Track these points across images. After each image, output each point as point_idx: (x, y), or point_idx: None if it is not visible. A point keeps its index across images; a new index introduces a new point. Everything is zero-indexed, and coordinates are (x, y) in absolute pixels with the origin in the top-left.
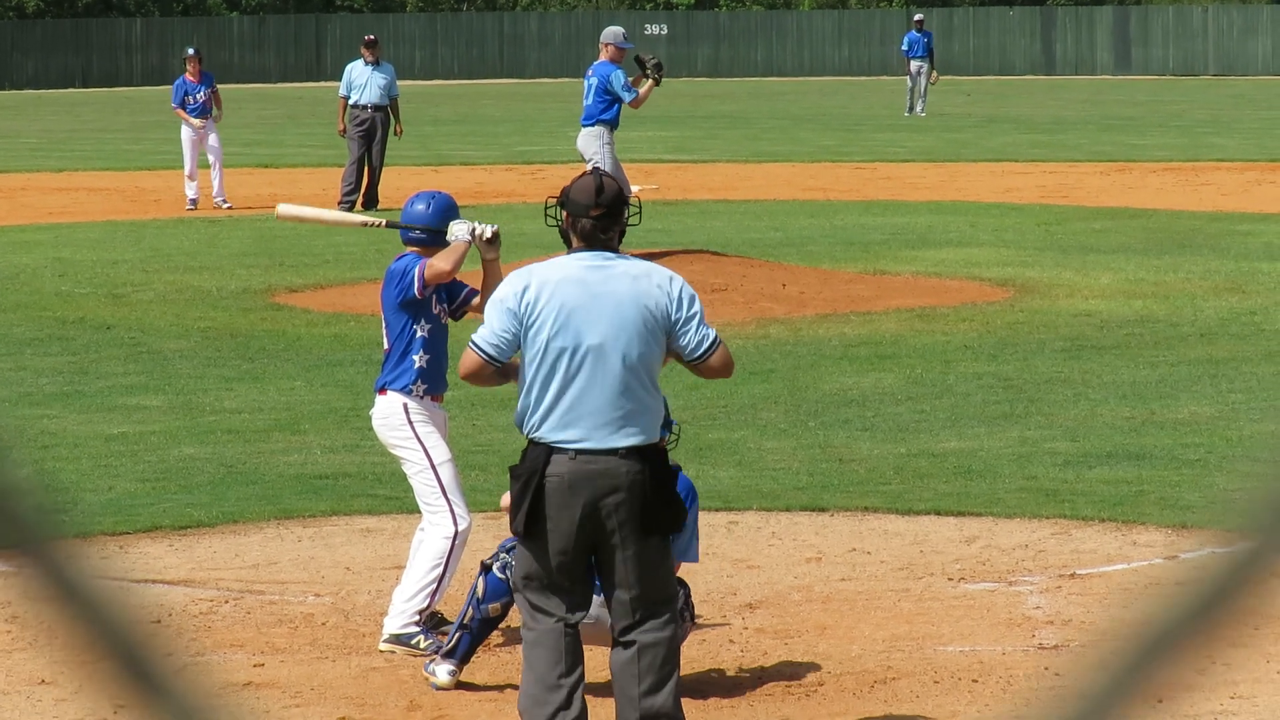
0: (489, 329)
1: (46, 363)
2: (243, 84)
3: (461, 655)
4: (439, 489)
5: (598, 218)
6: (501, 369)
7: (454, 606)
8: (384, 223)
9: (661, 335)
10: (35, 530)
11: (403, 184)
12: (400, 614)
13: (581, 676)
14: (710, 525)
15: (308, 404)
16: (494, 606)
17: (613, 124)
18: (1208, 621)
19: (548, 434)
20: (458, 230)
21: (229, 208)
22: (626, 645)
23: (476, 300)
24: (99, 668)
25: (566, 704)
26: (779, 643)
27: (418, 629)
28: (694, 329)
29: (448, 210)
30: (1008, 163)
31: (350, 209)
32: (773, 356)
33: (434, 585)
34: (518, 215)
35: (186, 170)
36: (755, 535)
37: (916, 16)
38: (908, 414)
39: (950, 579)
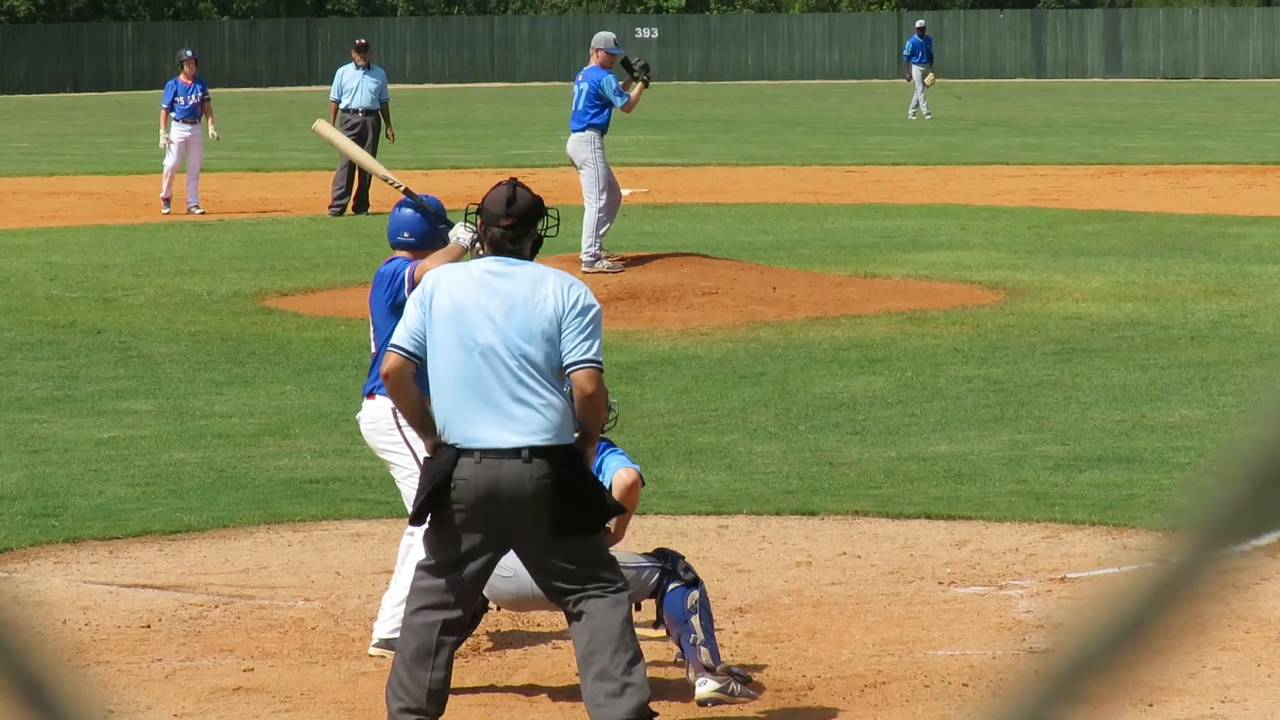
0: (403, 326)
1: (37, 367)
2: (234, 88)
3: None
4: None
5: (508, 227)
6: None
7: None
8: (403, 186)
9: (553, 336)
10: None
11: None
12: (390, 619)
13: (445, 678)
14: (700, 529)
15: (298, 408)
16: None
17: (603, 129)
18: (1146, 628)
19: (454, 435)
20: (460, 233)
21: (201, 213)
22: (576, 616)
23: None
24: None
25: (421, 703)
26: (769, 647)
27: None
28: (575, 337)
29: (438, 210)
30: (998, 166)
31: (340, 213)
32: (763, 360)
33: None
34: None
35: (170, 165)
36: (745, 539)
37: (919, 23)
38: (898, 417)
39: (940, 583)
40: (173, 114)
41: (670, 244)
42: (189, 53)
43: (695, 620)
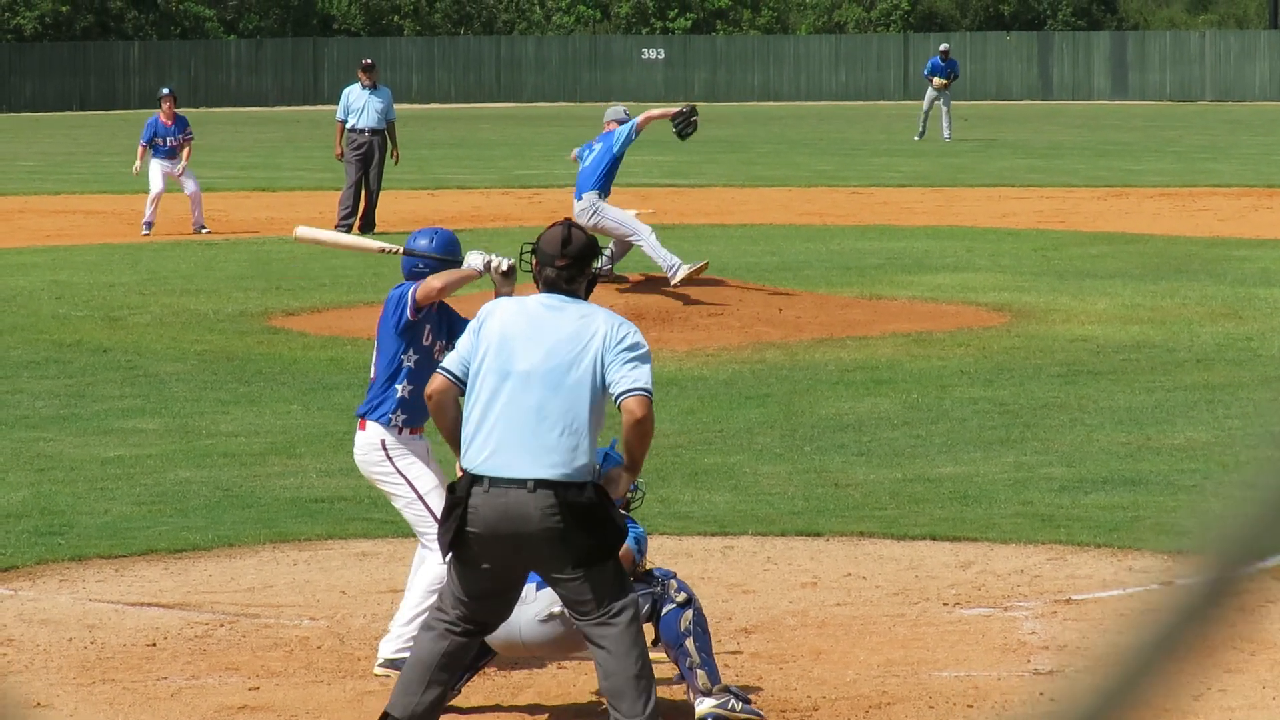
0: (456, 352)
1: (43, 385)
2: (240, 107)
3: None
4: (429, 517)
5: (563, 268)
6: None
7: None
8: (400, 250)
9: (596, 372)
10: None
11: (399, 207)
12: (397, 638)
13: (448, 683)
14: (706, 550)
15: (304, 427)
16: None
17: (603, 191)
18: (1172, 650)
19: (471, 461)
20: (472, 259)
21: (208, 232)
22: (594, 641)
23: None
24: None
25: (424, 705)
26: (774, 667)
27: None
28: (622, 367)
29: (450, 244)
30: (1005, 188)
31: (347, 231)
32: (769, 381)
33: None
34: (514, 239)
35: (153, 192)
36: (750, 560)
37: (943, 46)
38: (904, 439)
39: (945, 604)
40: (151, 151)
41: None
42: (166, 90)
43: (690, 643)
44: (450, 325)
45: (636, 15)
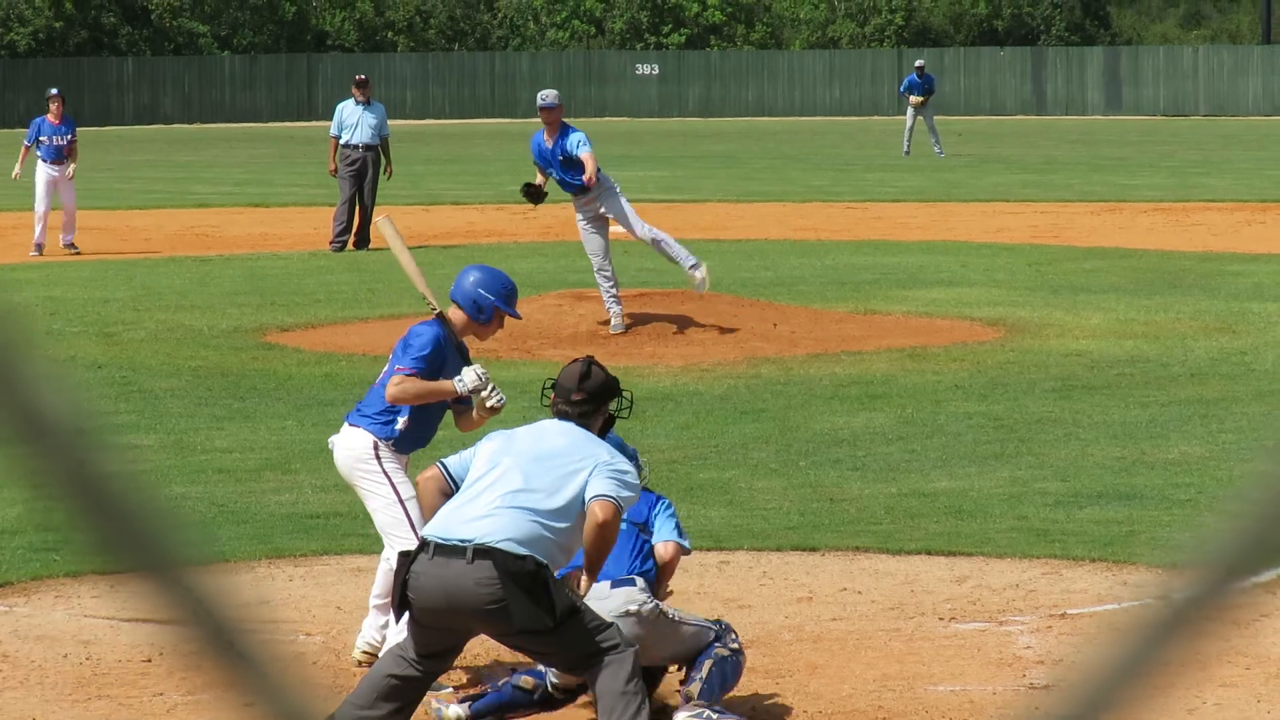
0: (458, 455)
1: None
2: (234, 123)
3: (479, 708)
4: (407, 524)
5: (578, 402)
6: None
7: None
8: (436, 310)
9: (583, 485)
10: (166, 552)
11: (396, 223)
12: (369, 628)
13: (393, 712)
14: (701, 565)
15: (298, 443)
16: (527, 679)
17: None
18: (1150, 666)
19: (428, 528)
20: (467, 377)
21: (77, 252)
22: (589, 679)
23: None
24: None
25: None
26: (770, 682)
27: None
28: (604, 479)
29: (507, 295)
30: (999, 203)
31: (341, 249)
32: (764, 396)
33: None
34: (509, 255)
35: (39, 210)
36: (746, 575)
37: (918, 62)
38: (898, 454)
39: (941, 619)
40: (38, 153)
41: (671, 280)
42: (55, 90)
43: (708, 663)
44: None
45: (631, 31)
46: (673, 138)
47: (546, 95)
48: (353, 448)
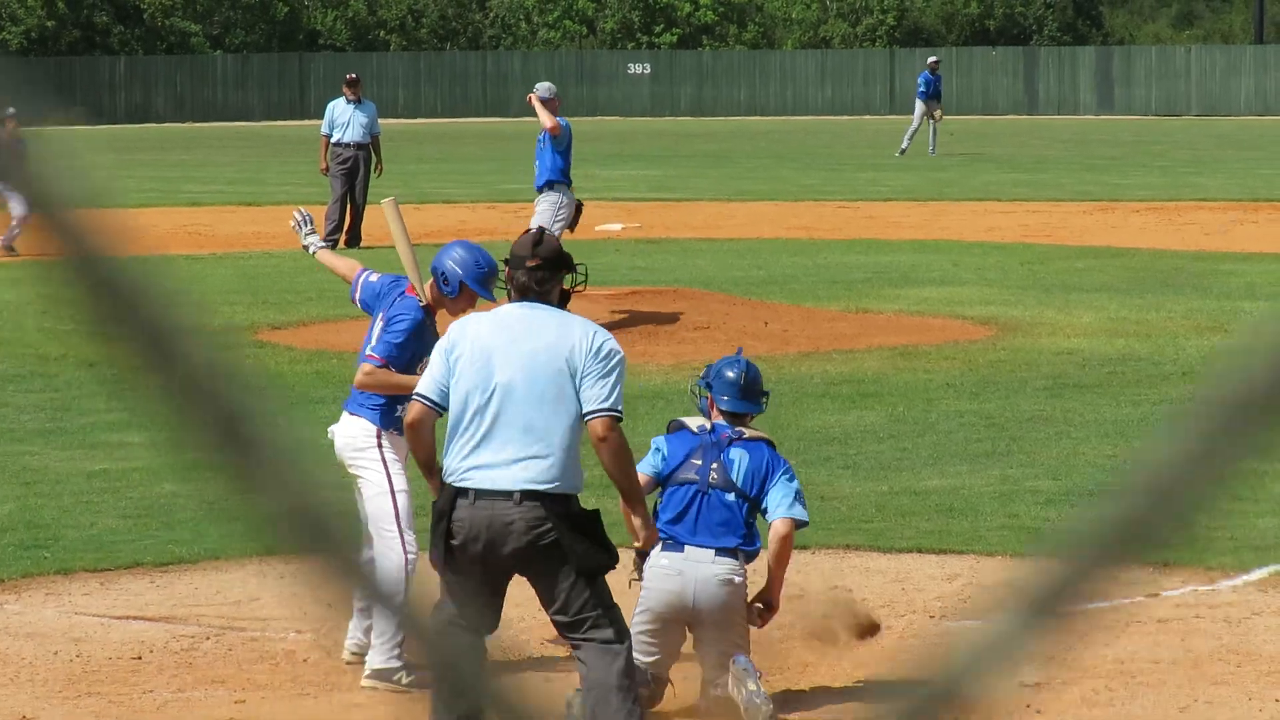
0: (429, 375)
1: (29, 399)
2: (226, 122)
3: None
4: (394, 516)
5: (534, 268)
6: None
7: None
8: (425, 301)
9: (575, 384)
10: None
11: (385, 221)
12: (382, 649)
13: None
14: None
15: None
16: None
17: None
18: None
19: (453, 475)
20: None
21: (15, 254)
22: (578, 660)
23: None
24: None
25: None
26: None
27: (399, 663)
28: (593, 384)
29: (480, 275)
30: (991, 202)
31: (333, 247)
32: None
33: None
34: (499, 252)
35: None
36: None
37: (931, 59)
38: (890, 452)
39: (932, 616)
40: None
41: (662, 279)
42: (12, 110)
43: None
44: None
45: (622, 30)
46: (665, 137)
47: (544, 86)
48: (353, 435)
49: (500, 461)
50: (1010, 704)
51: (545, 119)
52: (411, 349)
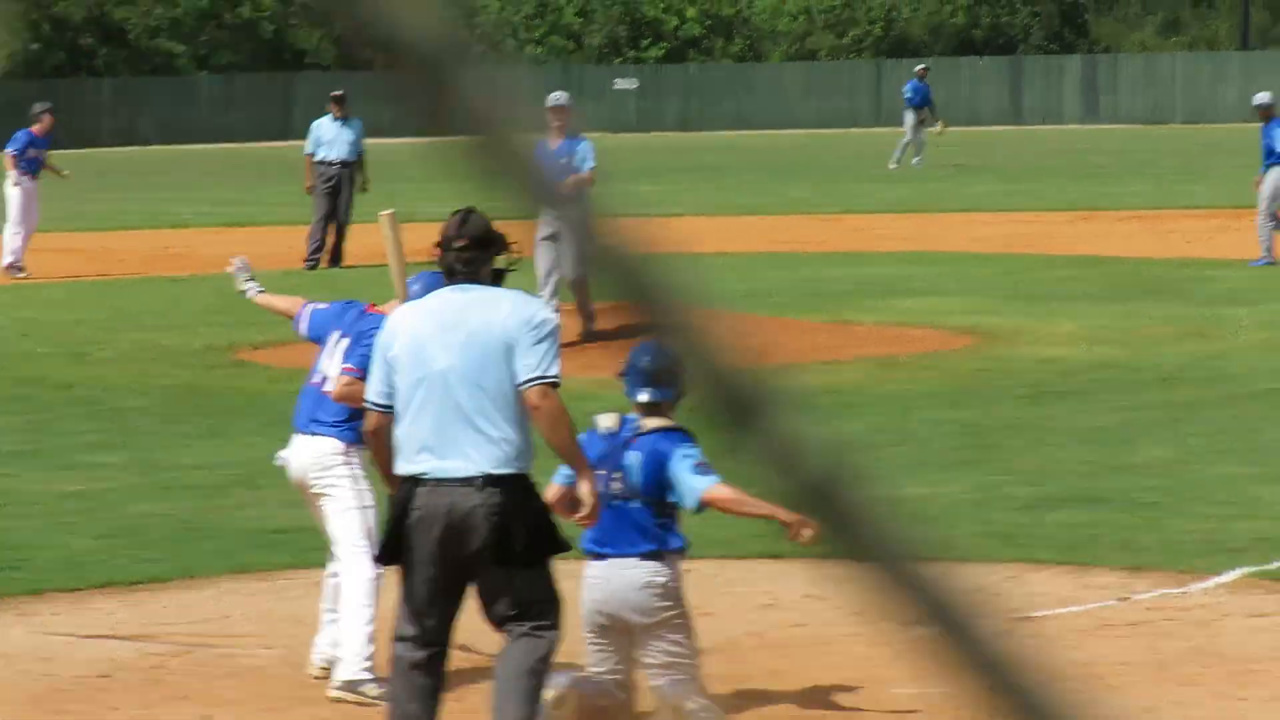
0: (373, 379)
1: (5, 421)
2: (211, 144)
3: None
4: (364, 531)
5: (461, 249)
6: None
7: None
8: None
9: (510, 356)
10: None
11: (370, 240)
12: (351, 660)
13: (432, 708)
14: None
15: (266, 460)
16: None
17: None
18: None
19: (408, 465)
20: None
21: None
22: (501, 655)
23: None
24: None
25: None
26: (732, 688)
27: (369, 675)
28: (526, 354)
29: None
30: (976, 212)
31: (314, 267)
32: None
33: (371, 626)
34: None
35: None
36: (710, 583)
37: (919, 66)
38: (868, 461)
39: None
40: (21, 166)
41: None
42: (49, 105)
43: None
44: None
45: (609, 45)
46: (652, 152)
47: (558, 95)
48: (319, 454)
49: (454, 449)
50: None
51: (583, 180)
52: None
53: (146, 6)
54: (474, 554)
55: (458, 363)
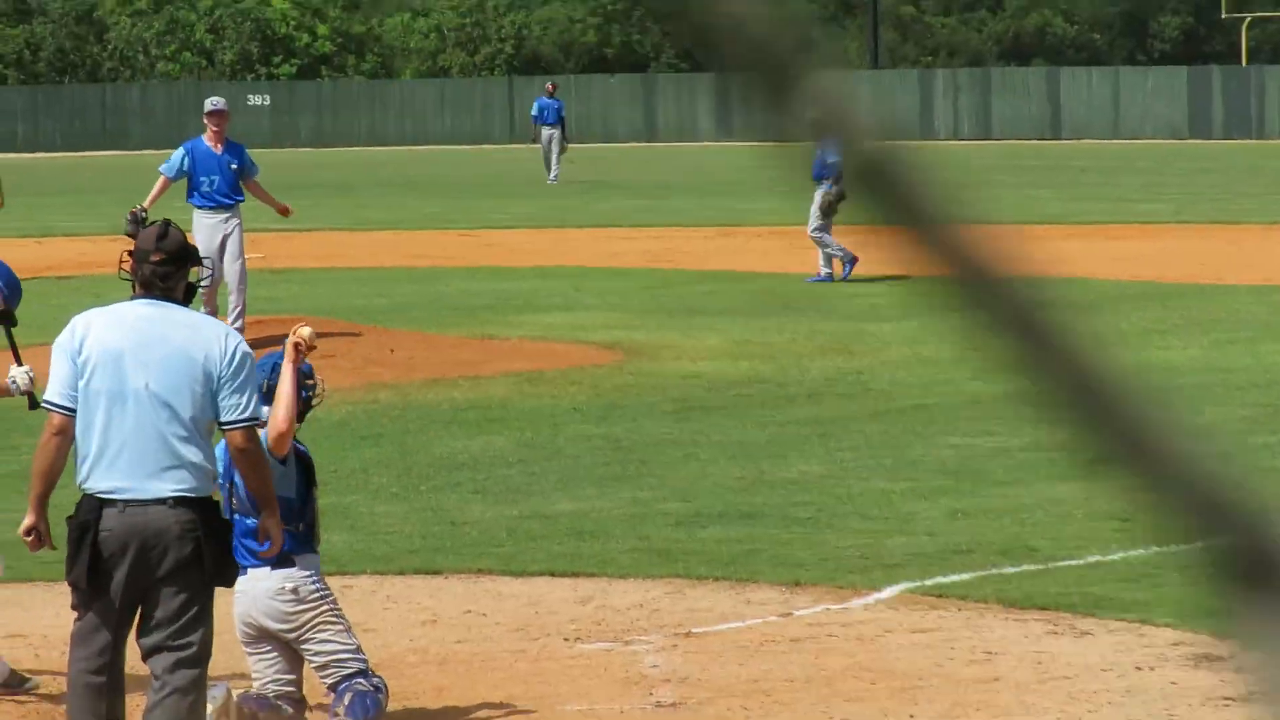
0: (56, 379)
1: None
2: None
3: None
4: None
5: (158, 264)
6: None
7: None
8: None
9: (209, 387)
10: None
11: (5, 255)
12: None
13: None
14: None
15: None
16: None
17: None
18: None
19: (96, 484)
20: (20, 379)
21: None
22: (156, 681)
23: None
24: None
25: None
26: (396, 705)
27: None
28: (232, 391)
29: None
30: (612, 228)
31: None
32: (381, 421)
33: None
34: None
35: None
36: (370, 599)
37: (548, 83)
38: (519, 476)
39: (566, 639)
40: None
41: (285, 308)
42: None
43: (349, 695)
44: None
45: (241, 62)
46: (285, 168)
47: (217, 100)
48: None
49: (146, 470)
50: None
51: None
52: None
53: None
54: (155, 578)
55: (155, 383)
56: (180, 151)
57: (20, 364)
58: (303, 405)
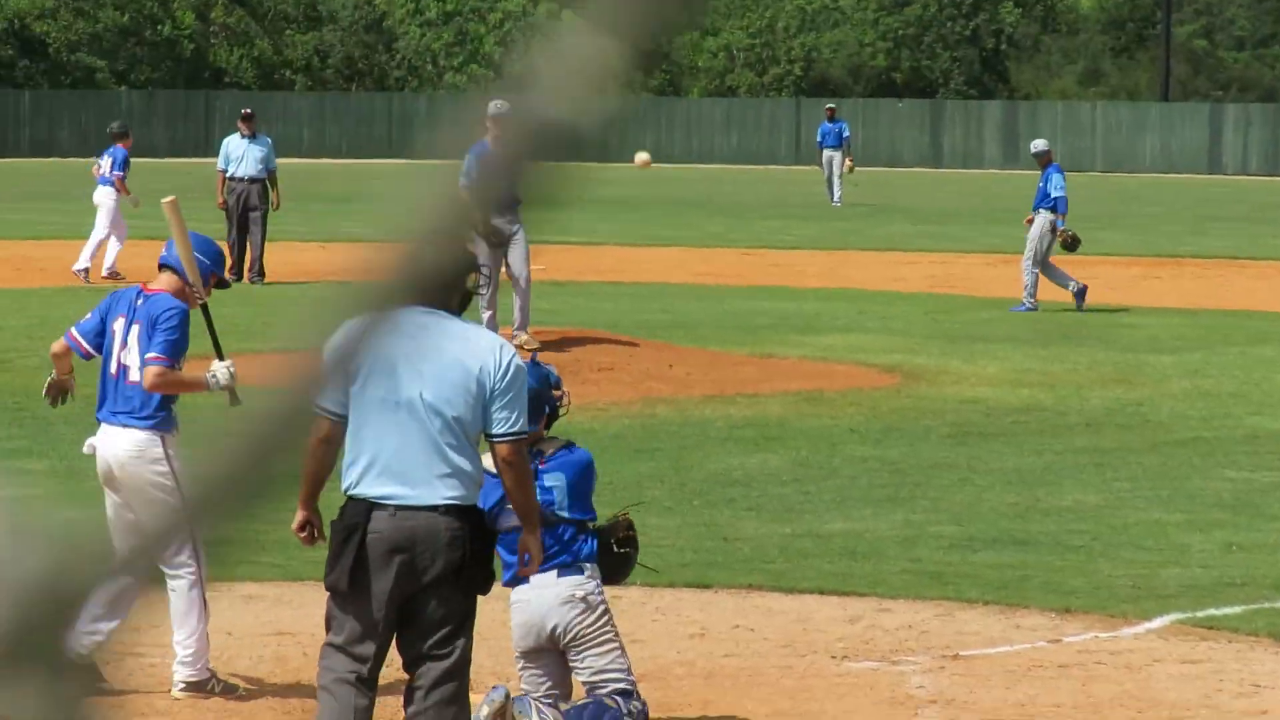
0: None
1: None
2: (131, 159)
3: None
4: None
5: None
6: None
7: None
8: (202, 300)
9: (481, 398)
10: None
11: (290, 259)
12: (190, 661)
13: None
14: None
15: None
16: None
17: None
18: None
19: (368, 489)
20: (220, 375)
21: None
22: (419, 691)
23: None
24: None
25: None
26: (662, 716)
27: (209, 674)
28: (501, 406)
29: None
30: (896, 252)
31: (231, 284)
32: (659, 436)
33: (203, 627)
34: None
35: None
36: (639, 610)
37: (828, 105)
38: (793, 495)
39: (833, 657)
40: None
41: (568, 321)
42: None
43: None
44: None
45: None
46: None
47: (501, 104)
48: (140, 447)
49: (419, 477)
50: None
51: None
52: (186, 344)
53: (67, 20)
54: (426, 584)
55: (430, 392)
56: (469, 157)
57: (222, 358)
58: (550, 414)
